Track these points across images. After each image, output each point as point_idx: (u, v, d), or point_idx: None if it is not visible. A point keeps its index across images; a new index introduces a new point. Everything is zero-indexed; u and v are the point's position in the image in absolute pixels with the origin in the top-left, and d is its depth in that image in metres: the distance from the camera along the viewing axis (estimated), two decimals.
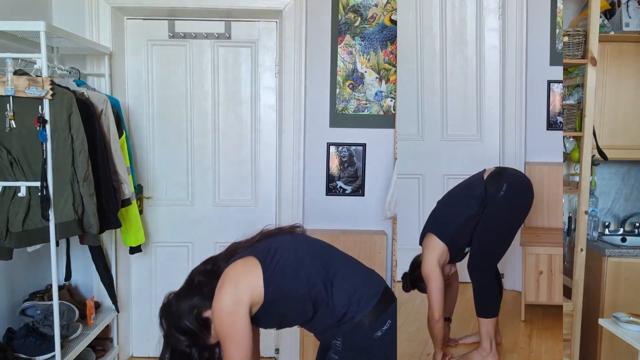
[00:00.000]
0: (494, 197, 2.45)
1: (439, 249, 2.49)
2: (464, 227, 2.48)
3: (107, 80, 3.01)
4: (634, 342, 2.19)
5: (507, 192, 2.45)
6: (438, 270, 2.47)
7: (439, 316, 2.46)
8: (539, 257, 2.90)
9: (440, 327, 2.48)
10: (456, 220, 2.49)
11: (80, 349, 2.59)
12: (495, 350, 2.51)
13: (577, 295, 2.89)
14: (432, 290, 2.47)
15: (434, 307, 2.46)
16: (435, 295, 2.46)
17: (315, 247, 1.75)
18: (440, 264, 2.49)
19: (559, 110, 3.21)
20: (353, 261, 1.78)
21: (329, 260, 1.69)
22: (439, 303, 2.46)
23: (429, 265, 2.48)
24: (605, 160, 3.02)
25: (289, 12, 3.08)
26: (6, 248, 2.29)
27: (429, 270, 2.48)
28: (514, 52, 3.22)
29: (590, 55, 2.77)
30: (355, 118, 3.18)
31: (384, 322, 1.62)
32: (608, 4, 3.12)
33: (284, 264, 1.61)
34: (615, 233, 3.35)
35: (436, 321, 2.46)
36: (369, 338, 1.60)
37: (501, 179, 2.48)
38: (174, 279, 3.33)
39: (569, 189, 3.11)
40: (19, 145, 2.27)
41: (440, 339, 2.51)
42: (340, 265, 1.69)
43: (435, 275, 2.46)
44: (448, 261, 2.54)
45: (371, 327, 1.60)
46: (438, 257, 2.49)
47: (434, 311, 2.46)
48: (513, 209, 2.50)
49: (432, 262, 2.48)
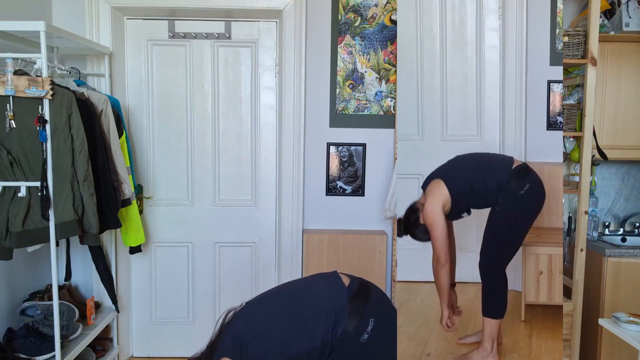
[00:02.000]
0: (514, 193, 2.39)
1: (445, 196, 2.42)
2: (472, 193, 2.42)
3: (107, 80, 3.01)
4: (634, 342, 2.19)
5: (528, 192, 2.40)
6: (442, 216, 2.41)
7: (445, 260, 2.40)
8: (539, 257, 2.89)
9: (447, 274, 2.42)
10: (472, 182, 2.42)
11: (80, 349, 2.59)
12: (496, 351, 2.51)
13: (577, 295, 2.89)
14: (437, 237, 2.40)
15: (440, 252, 2.40)
16: (440, 241, 2.40)
17: (269, 305, 1.72)
18: (444, 210, 2.42)
19: (559, 110, 3.21)
20: (304, 284, 1.77)
21: (289, 306, 1.67)
22: (444, 248, 2.39)
23: (433, 211, 2.41)
24: (605, 160, 3.02)
25: (289, 12, 3.08)
26: (6, 248, 2.29)
27: (433, 216, 2.40)
28: (514, 52, 3.21)
29: (590, 55, 2.77)
30: (355, 118, 3.18)
31: (366, 322, 1.62)
32: (608, 4, 3.12)
33: (255, 347, 1.60)
34: (615, 233, 3.35)
35: (442, 265, 2.40)
36: (357, 344, 1.60)
37: (526, 177, 2.42)
38: (174, 279, 3.36)
39: (569, 189, 3.11)
40: (19, 145, 2.27)
41: (446, 289, 2.45)
42: (297, 303, 1.67)
43: (439, 222, 2.40)
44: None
45: (357, 332, 1.59)
46: (442, 203, 2.41)
47: (439, 256, 2.40)
48: (529, 210, 2.46)
49: (436, 208, 2.40)
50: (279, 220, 3.29)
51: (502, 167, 2.45)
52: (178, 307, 3.36)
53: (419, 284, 3.29)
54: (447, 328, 2.51)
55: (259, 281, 3.37)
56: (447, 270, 2.43)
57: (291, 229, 3.20)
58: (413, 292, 3.22)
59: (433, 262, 2.44)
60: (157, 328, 3.37)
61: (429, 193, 2.46)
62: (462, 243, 3.29)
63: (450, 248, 2.56)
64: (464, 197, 2.44)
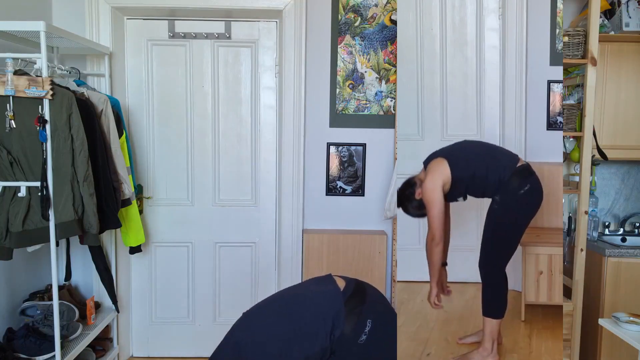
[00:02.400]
0: (514, 192, 2.39)
1: (446, 176, 2.41)
2: (473, 180, 2.42)
3: (107, 80, 3.01)
4: (634, 342, 2.19)
5: (527, 192, 2.39)
6: (441, 195, 2.40)
7: (440, 239, 2.40)
8: (539, 257, 2.89)
9: (440, 251, 2.42)
10: (475, 169, 2.41)
11: (80, 349, 2.59)
12: (496, 351, 2.51)
13: (577, 295, 2.89)
14: (434, 215, 2.39)
15: (435, 231, 2.39)
16: (437, 219, 2.39)
17: (267, 313, 1.71)
18: (443, 190, 2.41)
19: (559, 110, 3.21)
20: (300, 291, 1.76)
21: (286, 314, 1.67)
22: (440, 227, 2.39)
23: (433, 188, 2.39)
24: (605, 160, 3.02)
25: (289, 12, 3.08)
26: (6, 248, 2.29)
27: (433, 194, 2.39)
28: (514, 52, 3.21)
29: (590, 55, 2.77)
30: (355, 118, 3.18)
31: (364, 324, 1.62)
32: (608, 4, 3.12)
33: (254, 355, 1.60)
34: (615, 233, 3.35)
35: (436, 244, 2.40)
36: (355, 346, 1.60)
37: (528, 177, 2.41)
38: (174, 279, 3.35)
39: (569, 189, 3.11)
40: (19, 145, 2.27)
41: (438, 265, 2.44)
42: (294, 311, 1.67)
43: (438, 200, 2.39)
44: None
45: (354, 333, 1.59)
46: (443, 182, 2.40)
47: (434, 234, 2.39)
48: (528, 210, 2.46)
49: (436, 186, 2.39)
50: (279, 220, 3.29)
51: (506, 162, 2.44)
52: (178, 307, 3.36)
53: (419, 284, 3.29)
54: (434, 306, 2.50)
55: (259, 281, 3.37)
56: (440, 249, 2.42)
57: (291, 229, 3.20)
58: (413, 292, 3.22)
59: (427, 239, 2.43)
60: (157, 328, 3.37)
61: (430, 170, 2.45)
62: (463, 243, 3.29)
63: (445, 227, 2.56)
64: (464, 182, 2.43)
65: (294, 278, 3.19)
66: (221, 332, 3.34)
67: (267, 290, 3.35)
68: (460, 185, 2.44)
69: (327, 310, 1.62)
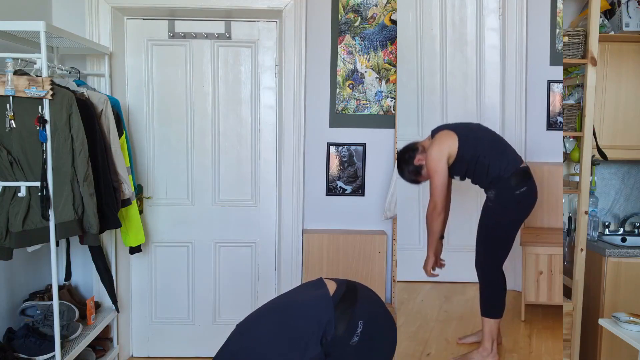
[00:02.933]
0: (510, 191, 2.40)
1: (453, 150, 2.40)
2: (475, 165, 2.42)
3: (107, 80, 3.01)
4: (634, 342, 2.19)
5: (523, 193, 2.41)
6: (446, 166, 2.39)
7: (442, 209, 2.40)
8: (539, 257, 2.89)
9: (440, 222, 2.42)
10: (480, 155, 2.41)
11: (80, 349, 2.59)
12: (496, 351, 2.51)
13: (577, 295, 2.89)
14: (437, 185, 2.39)
15: (437, 200, 2.38)
16: (440, 189, 2.38)
17: (260, 323, 1.72)
18: (447, 162, 2.40)
19: (559, 110, 3.21)
20: (291, 298, 1.76)
21: (278, 323, 1.67)
22: (442, 197, 2.38)
23: (439, 159, 2.39)
24: (605, 160, 3.02)
25: (289, 12, 3.08)
26: (6, 248, 2.29)
27: (437, 163, 2.39)
28: (514, 52, 3.21)
29: (590, 55, 2.77)
30: (355, 118, 3.18)
31: (355, 325, 1.62)
32: (608, 4, 3.12)
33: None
34: (615, 233, 3.35)
35: (438, 213, 2.40)
36: (348, 347, 1.60)
37: (527, 180, 2.43)
38: (174, 279, 3.35)
39: (569, 189, 3.11)
40: (19, 145, 2.27)
41: (437, 236, 2.44)
42: (285, 322, 1.66)
43: (442, 170, 2.38)
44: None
45: (347, 335, 1.60)
46: (448, 154, 2.40)
47: (436, 203, 2.39)
48: (521, 211, 2.48)
49: (442, 156, 2.39)
50: (279, 220, 3.29)
51: (511, 160, 2.45)
52: (178, 307, 3.36)
53: (419, 284, 3.29)
54: (430, 274, 2.51)
55: (259, 281, 3.37)
56: (442, 219, 2.42)
57: (291, 229, 3.20)
58: (413, 292, 3.22)
59: (429, 208, 2.43)
60: (157, 328, 3.37)
61: (439, 140, 2.44)
62: (462, 242, 3.29)
63: (446, 199, 2.56)
64: (466, 162, 2.43)
65: (294, 278, 3.19)
66: (221, 332, 3.34)
67: (267, 290, 3.35)
68: (461, 165, 2.44)
69: (318, 316, 1.63)
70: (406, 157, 2.51)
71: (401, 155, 2.54)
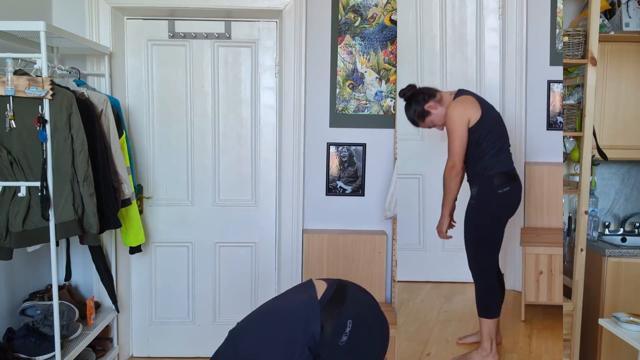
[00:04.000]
0: (492, 189, 2.42)
1: (475, 117, 2.37)
2: (476, 145, 2.43)
3: (107, 80, 3.01)
4: (634, 342, 2.19)
5: (505, 193, 2.43)
6: (466, 129, 2.37)
7: (460, 169, 2.38)
8: (539, 257, 2.89)
9: (458, 182, 2.40)
10: (488, 139, 2.41)
11: (80, 349, 2.59)
12: (495, 351, 2.51)
13: (577, 295, 2.89)
14: (457, 144, 2.36)
15: (456, 160, 2.36)
16: (460, 148, 2.36)
17: (250, 330, 1.72)
18: (467, 125, 2.37)
19: (559, 110, 3.21)
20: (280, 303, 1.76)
21: (267, 329, 1.67)
22: (461, 156, 2.36)
23: (461, 120, 2.36)
24: (605, 160, 3.02)
25: (289, 12, 3.08)
26: (6, 248, 2.29)
27: (458, 125, 2.36)
28: (514, 52, 3.21)
29: (590, 55, 2.77)
30: (355, 118, 3.18)
31: (344, 325, 1.62)
32: (608, 4, 3.12)
33: None
34: (615, 233, 3.35)
35: (457, 173, 2.38)
36: (336, 347, 1.60)
37: (510, 181, 2.45)
38: (174, 279, 3.35)
39: (569, 189, 3.11)
40: (19, 145, 2.27)
41: (454, 195, 2.42)
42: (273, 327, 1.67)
43: (462, 131, 2.36)
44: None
45: (335, 335, 1.60)
46: (469, 117, 2.37)
47: (455, 162, 2.37)
48: (503, 210, 2.49)
49: (464, 118, 2.36)
50: (279, 220, 3.29)
51: (501, 160, 2.46)
52: (178, 307, 3.36)
53: (419, 284, 3.29)
54: (444, 236, 2.50)
55: (259, 281, 3.37)
56: (459, 179, 2.40)
57: (291, 229, 3.20)
58: (413, 292, 3.22)
59: (447, 167, 2.41)
60: (157, 328, 3.37)
61: (464, 102, 2.42)
62: (463, 242, 3.28)
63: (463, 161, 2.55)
64: (472, 140, 2.42)
65: (294, 278, 3.19)
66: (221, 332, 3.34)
67: (267, 290, 3.35)
68: (473, 137, 2.43)
69: (303, 322, 1.63)
70: (419, 98, 2.48)
71: (416, 93, 2.50)
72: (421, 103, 2.49)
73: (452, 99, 2.49)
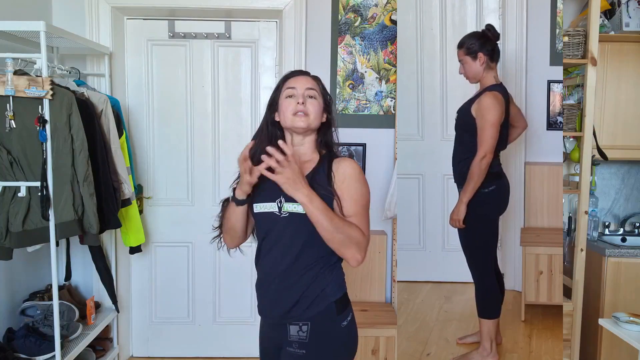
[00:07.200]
0: (479, 189, 2.46)
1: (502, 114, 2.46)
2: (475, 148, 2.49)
3: (107, 80, 3.01)
4: (634, 342, 2.19)
5: (492, 192, 2.48)
6: (500, 123, 2.44)
7: (490, 159, 2.42)
8: (539, 257, 2.89)
9: (486, 167, 2.42)
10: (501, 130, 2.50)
11: (80, 349, 2.59)
12: (495, 351, 2.51)
13: (577, 295, 2.89)
14: (493, 137, 2.42)
15: (489, 150, 2.41)
16: (494, 141, 2.41)
17: None
18: (499, 123, 2.45)
19: (559, 110, 3.21)
20: None
21: None
22: (493, 145, 2.41)
23: (498, 117, 2.43)
24: (605, 160, 3.02)
25: (289, 12, 3.08)
26: (6, 248, 2.29)
27: (496, 119, 2.42)
28: (514, 52, 3.21)
29: (590, 55, 2.77)
30: (355, 118, 3.18)
31: (348, 313, 1.66)
32: (608, 4, 3.12)
33: None
34: (615, 233, 3.35)
35: (487, 163, 2.41)
36: (338, 326, 1.61)
37: (496, 179, 2.50)
38: (174, 279, 3.35)
39: (569, 189, 3.11)
40: (19, 145, 2.27)
41: (478, 185, 2.44)
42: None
43: (497, 126, 2.42)
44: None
45: (339, 316, 1.62)
46: (500, 115, 2.44)
47: (487, 153, 2.41)
48: (490, 208, 2.54)
49: (500, 114, 2.43)
50: None
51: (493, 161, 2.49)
52: (178, 307, 3.36)
53: (419, 284, 3.29)
54: (459, 225, 2.50)
55: None
56: (487, 169, 2.44)
57: None
58: (413, 292, 3.22)
59: (478, 157, 2.43)
60: (157, 328, 3.37)
61: (499, 101, 2.46)
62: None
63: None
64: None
65: None
66: (221, 332, 3.33)
67: None
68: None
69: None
70: (486, 44, 2.53)
71: (488, 40, 2.54)
72: (482, 48, 2.52)
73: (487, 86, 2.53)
